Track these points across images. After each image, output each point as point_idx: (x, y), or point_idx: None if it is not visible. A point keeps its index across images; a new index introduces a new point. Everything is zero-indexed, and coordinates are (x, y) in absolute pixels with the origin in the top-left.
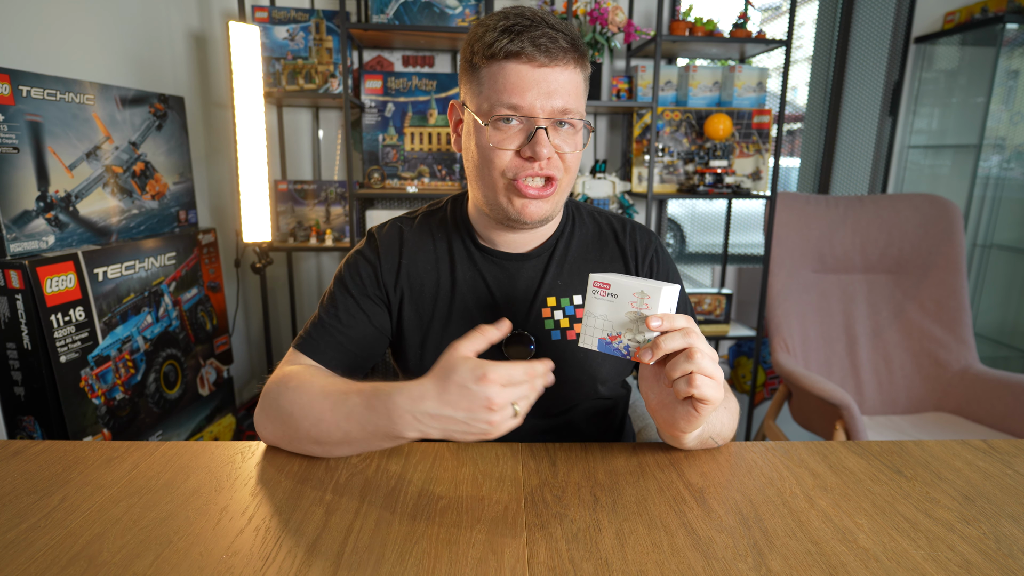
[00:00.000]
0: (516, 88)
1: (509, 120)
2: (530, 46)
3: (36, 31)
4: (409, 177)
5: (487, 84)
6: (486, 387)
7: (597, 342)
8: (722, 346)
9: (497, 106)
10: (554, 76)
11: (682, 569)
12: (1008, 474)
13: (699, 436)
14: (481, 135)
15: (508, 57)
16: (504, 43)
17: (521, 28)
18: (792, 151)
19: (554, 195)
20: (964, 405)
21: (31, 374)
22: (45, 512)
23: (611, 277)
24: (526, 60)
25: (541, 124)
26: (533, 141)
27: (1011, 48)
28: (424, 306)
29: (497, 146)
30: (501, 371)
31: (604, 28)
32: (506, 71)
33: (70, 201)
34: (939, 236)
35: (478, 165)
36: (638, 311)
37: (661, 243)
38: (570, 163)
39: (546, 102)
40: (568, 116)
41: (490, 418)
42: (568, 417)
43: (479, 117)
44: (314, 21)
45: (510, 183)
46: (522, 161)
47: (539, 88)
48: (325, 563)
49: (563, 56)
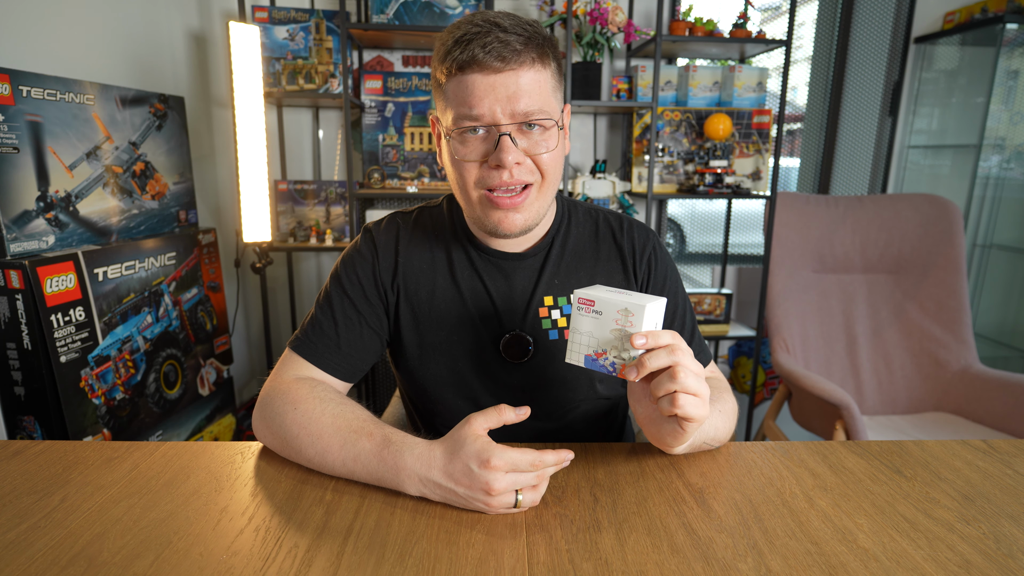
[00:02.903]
0: (474, 97)
1: (475, 130)
2: (481, 52)
3: (36, 31)
4: (409, 177)
5: (450, 98)
6: (487, 472)
7: (583, 358)
8: (722, 346)
9: (459, 118)
10: (512, 80)
11: (682, 569)
12: (1008, 474)
13: (691, 444)
14: (449, 150)
15: (463, 68)
16: (457, 54)
17: (471, 36)
18: (792, 151)
19: (531, 203)
20: (964, 405)
21: (31, 374)
22: (45, 512)
23: (595, 293)
24: (479, 68)
25: (504, 131)
26: (498, 149)
27: (1011, 48)
28: (421, 305)
29: (463, 158)
30: (506, 457)
31: (604, 28)
32: (464, 83)
33: (70, 201)
34: (939, 236)
35: (454, 180)
36: (622, 328)
37: (659, 241)
38: (547, 165)
39: (506, 107)
40: (533, 118)
41: (488, 501)
42: (568, 420)
43: (447, 131)
44: (314, 21)
45: (483, 196)
46: (490, 170)
47: (496, 94)
48: (325, 563)
49: (517, 58)
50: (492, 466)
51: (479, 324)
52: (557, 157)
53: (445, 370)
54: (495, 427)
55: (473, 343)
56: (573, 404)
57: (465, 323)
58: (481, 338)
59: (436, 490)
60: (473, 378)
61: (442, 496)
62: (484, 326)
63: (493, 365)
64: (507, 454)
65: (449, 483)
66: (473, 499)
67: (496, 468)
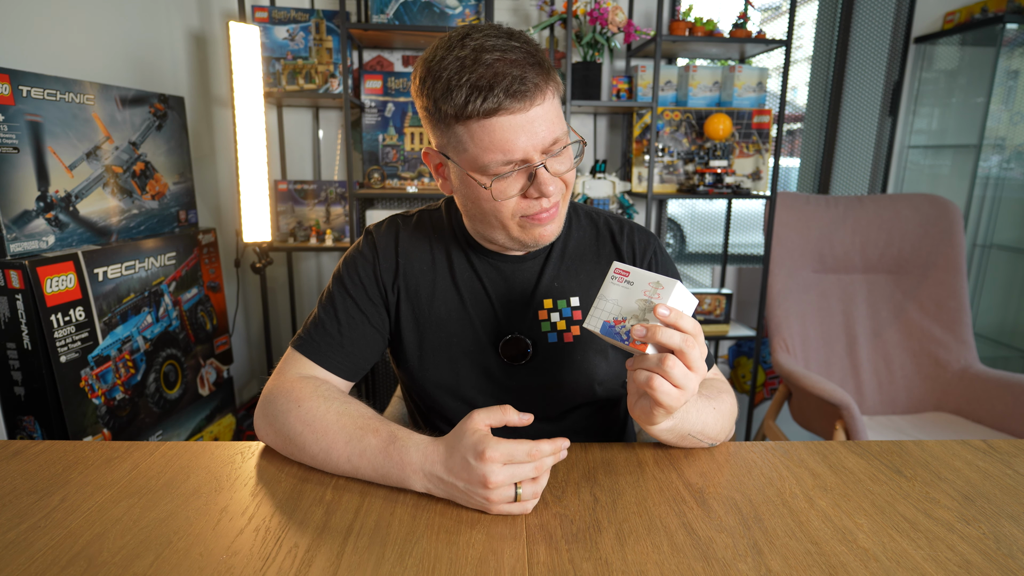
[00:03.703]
0: (507, 143)
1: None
2: (506, 99)
3: (36, 31)
4: (409, 177)
5: (471, 143)
6: (483, 465)
7: (601, 324)
8: (722, 346)
9: (493, 165)
10: (535, 114)
11: (682, 569)
12: (1008, 474)
13: (675, 430)
14: (481, 191)
15: (486, 115)
16: (479, 104)
17: (490, 81)
18: (792, 151)
19: (560, 211)
20: (964, 405)
21: (31, 374)
22: (45, 512)
23: (633, 267)
24: (506, 113)
25: (537, 163)
26: (537, 182)
27: (1011, 48)
28: (421, 306)
29: (503, 198)
30: (501, 449)
31: (604, 28)
32: (489, 129)
33: (70, 201)
34: (939, 236)
35: (483, 212)
36: (649, 299)
37: (660, 244)
38: (569, 180)
39: (536, 142)
40: (558, 145)
41: (487, 495)
42: (568, 422)
43: (474, 175)
44: (314, 21)
45: (522, 219)
46: (530, 201)
47: (526, 132)
48: (325, 563)
49: (537, 91)
50: (487, 458)
51: (478, 326)
52: (575, 169)
53: (445, 371)
54: (496, 425)
55: (472, 345)
56: (573, 405)
57: (465, 325)
58: (480, 340)
59: (439, 485)
60: (473, 379)
61: (445, 492)
62: (483, 328)
63: (492, 367)
64: (502, 446)
65: (450, 477)
66: (473, 493)
67: (492, 460)
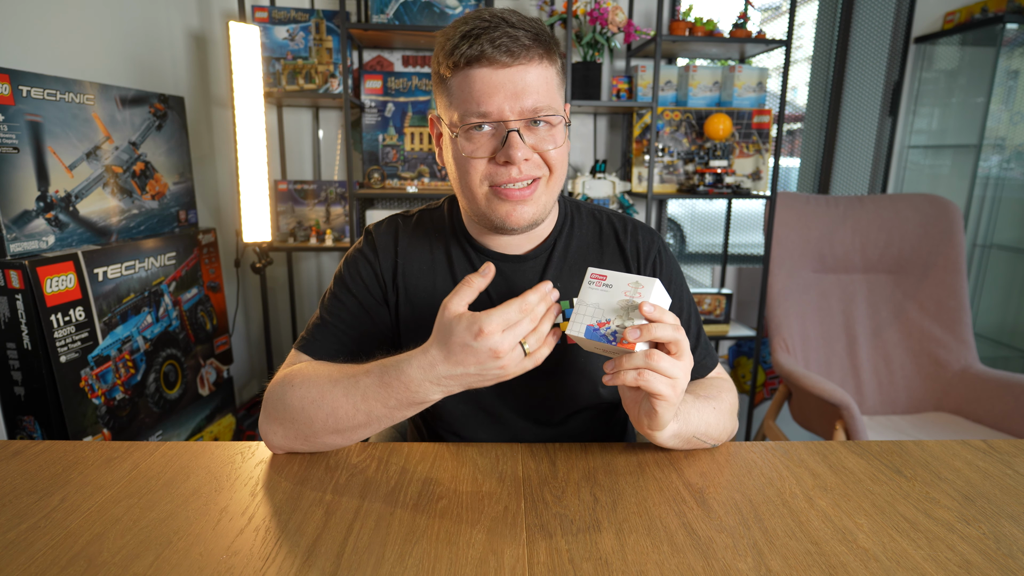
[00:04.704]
0: (482, 94)
1: (481, 127)
2: (490, 48)
3: (36, 31)
4: (409, 177)
5: (455, 94)
6: (486, 340)
7: (585, 328)
8: (722, 346)
9: (466, 115)
10: (520, 75)
11: (682, 569)
12: (1008, 474)
13: (679, 435)
14: (455, 146)
15: (470, 63)
16: (464, 48)
17: (479, 31)
18: (792, 151)
19: (540, 196)
20: (964, 405)
21: (31, 374)
22: (45, 512)
23: (609, 271)
24: (487, 63)
25: (512, 127)
26: (507, 145)
27: (1011, 48)
28: (421, 306)
29: (471, 155)
30: (496, 318)
31: (604, 28)
32: (471, 78)
33: (70, 201)
34: (939, 236)
35: (458, 177)
36: (630, 299)
37: (664, 243)
38: (554, 160)
39: (515, 103)
40: (541, 114)
41: (500, 364)
42: (570, 423)
43: (451, 129)
44: (314, 21)
45: (490, 190)
46: (498, 167)
47: (505, 90)
48: (325, 563)
49: (526, 53)
50: (487, 332)
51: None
52: (564, 153)
53: None
54: (472, 300)
55: None
56: (574, 407)
57: None
58: None
59: (452, 381)
60: None
61: (460, 383)
62: None
63: None
64: (494, 315)
65: (458, 369)
66: (487, 371)
67: (491, 332)
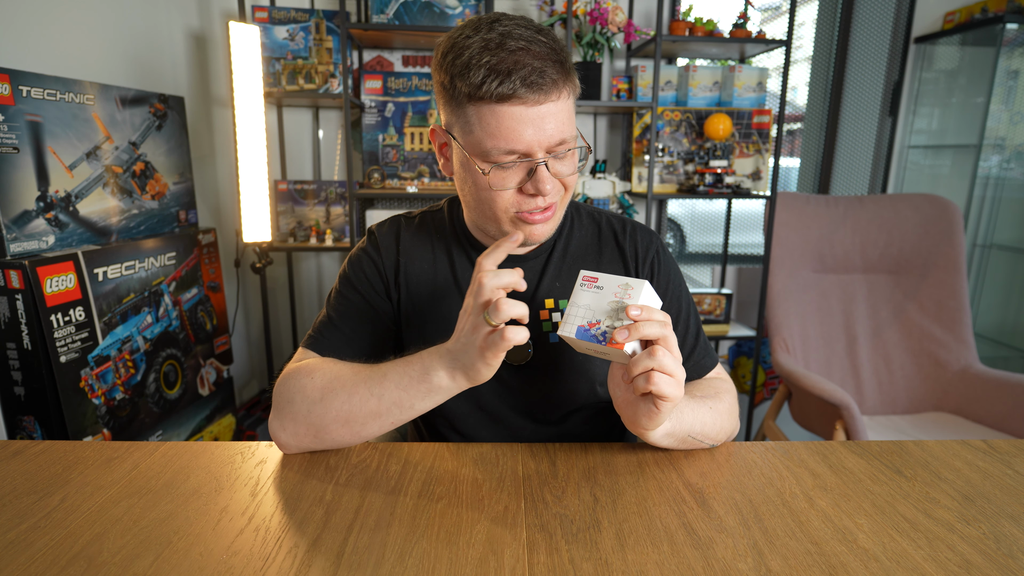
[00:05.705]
0: (513, 132)
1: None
2: (523, 88)
3: (36, 31)
4: (409, 177)
5: (478, 125)
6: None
7: (576, 328)
8: (722, 346)
9: (494, 152)
10: (548, 111)
11: (682, 569)
12: (1008, 474)
13: (673, 434)
14: (479, 176)
15: (499, 100)
16: (494, 87)
17: (509, 67)
18: (792, 151)
19: (557, 213)
20: (964, 405)
21: (31, 374)
22: (45, 512)
23: (600, 273)
24: (519, 102)
25: (540, 160)
26: (535, 179)
27: (1011, 48)
28: (422, 305)
29: (499, 188)
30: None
31: (604, 28)
32: (498, 115)
33: (70, 201)
34: (939, 236)
35: (478, 200)
36: (620, 300)
37: (663, 244)
38: (569, 183)
39: (543, 138)
40: (566, 147)
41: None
42: (569, 422)
43: (475, 159)
44: (314, 21)
45: (515, 216)
46: (525, 196)
47: (535, 126)
48: (325, 563)
49: (554, 87)
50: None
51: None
52: (577, 175)
53: None
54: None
55: None
56: (574, 406)
57: None
58: None
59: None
60: None
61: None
62: None
63: None
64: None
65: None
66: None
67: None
